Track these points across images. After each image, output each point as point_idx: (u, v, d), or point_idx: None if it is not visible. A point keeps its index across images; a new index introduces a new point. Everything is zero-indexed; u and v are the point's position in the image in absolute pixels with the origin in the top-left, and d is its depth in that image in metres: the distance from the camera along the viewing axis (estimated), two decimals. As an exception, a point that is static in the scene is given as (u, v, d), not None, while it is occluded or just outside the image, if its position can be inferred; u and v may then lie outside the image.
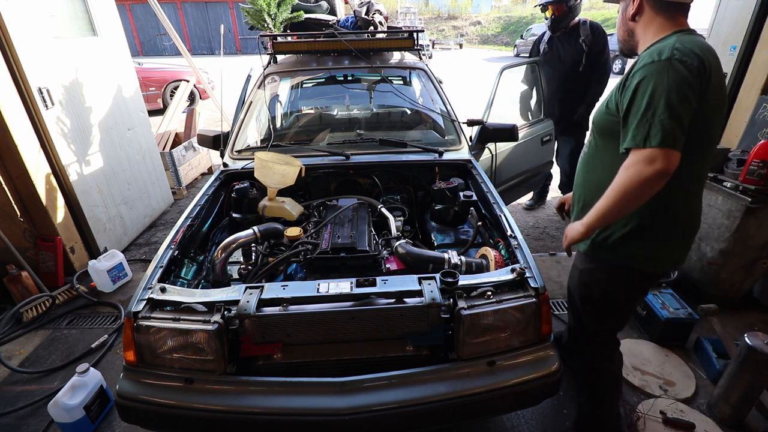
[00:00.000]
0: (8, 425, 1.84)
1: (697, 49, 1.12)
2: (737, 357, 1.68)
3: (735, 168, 2.16)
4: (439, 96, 2.69)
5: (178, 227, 1.72)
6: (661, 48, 1.14)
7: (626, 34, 1.32)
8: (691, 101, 1.10)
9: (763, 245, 2.21)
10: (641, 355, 2.12)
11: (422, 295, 1.30)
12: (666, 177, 1.09)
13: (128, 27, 21.94)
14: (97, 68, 3.18)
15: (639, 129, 1.11)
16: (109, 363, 2.20)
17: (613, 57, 12.54)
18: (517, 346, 1.37)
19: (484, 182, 2.10)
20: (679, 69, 1.09)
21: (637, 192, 1.11)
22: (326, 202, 2.11)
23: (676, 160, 1.09)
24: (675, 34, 1.18)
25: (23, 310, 2.47)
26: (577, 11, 3.00)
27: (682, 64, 1.09)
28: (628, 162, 1.13)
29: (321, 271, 1.63)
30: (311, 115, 3.04)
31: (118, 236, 3.29)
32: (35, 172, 2.58)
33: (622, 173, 1.14)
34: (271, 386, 1.26)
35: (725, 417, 1.76)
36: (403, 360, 1.35)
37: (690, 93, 1.09)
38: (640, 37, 1.28)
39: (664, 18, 1.22)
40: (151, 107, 4.85)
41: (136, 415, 1.29)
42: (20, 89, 2.48)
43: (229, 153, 2.38)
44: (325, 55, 2.89)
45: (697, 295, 2.51)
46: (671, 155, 1.07)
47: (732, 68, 2.51)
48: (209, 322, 1.25)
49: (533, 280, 1.38)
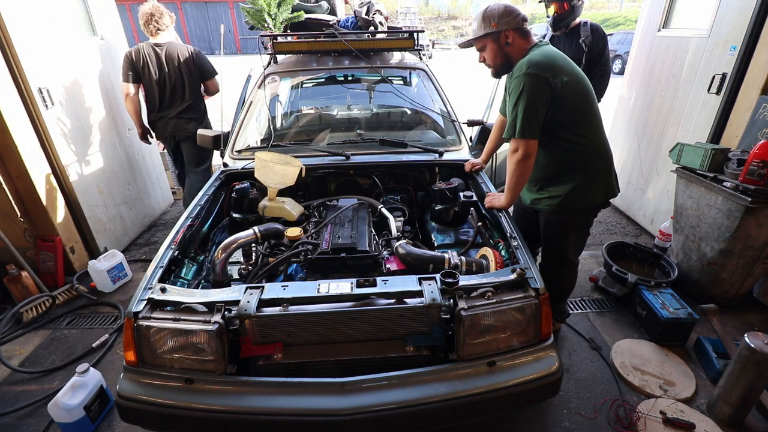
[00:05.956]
0: (8, 425, 1.84)
1: (544, 58, 1.61)
2: (737, 357, 1.68)
3: (735, 168, 2.16)
4: (439, 96, 2.69)
5: (178, 227, 1.72)
6: (521, 63, 1.63)
7: (504, 59, 1.75)
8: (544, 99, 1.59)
9: (763, 245, 2.21)
10: (641, 355, 2.12)
11: (422, 296, 1.30)
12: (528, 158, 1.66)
13: (128, 27, 21.91)
14: (97, 68, 3.18)
15: (509, 124, 1.67)
16: (109, 363, 2.20)
17: (614, 57, 12.57)
18: (517, 347, 1.37)
19: (484, 182, 2.11)
20: (532, 78, 1.57)
21: (519, 170, 1.71)
22: (326, 202, 2.11)
23: (534, 144, 1.65)
24: (530, 50, 1.69)
25: (23, 310, 2.47)
26: (578, 12, 3.01)
27: (534, 75, 1.57)
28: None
29: (321, 271, 1.63)
30: (311, 115, 3.04)
31: (118, 236, 3.29)
32: (35, 172, 2.57)
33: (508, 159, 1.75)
34: (271, 386, 1.26)
35: (725, 417, 1.76)
36: (404, 360, 1.35)
37: (543, 94, 1.58)
38: (514, 57, 1.73)
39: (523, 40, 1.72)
40: (151, 107, 4.83)
41: (136, 415, 1.29)
42: (20, 89, 2.48)
43: (230, 153, 2.38)
44: (326, 55, 2.89)
45: (697, 295, 2.51)
46: (529, 143, 1.64)
47: (732, 68, 2.51)
48: (209, 322, 1.25)
49: (534, 280, 1.38)
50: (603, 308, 2.53)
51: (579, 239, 1.98)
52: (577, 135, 1.70)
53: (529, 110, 1.59)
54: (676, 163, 2.45)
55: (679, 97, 2.96)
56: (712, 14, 2.64)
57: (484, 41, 1.73)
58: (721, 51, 2.60)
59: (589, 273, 2.80)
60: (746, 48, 2.41)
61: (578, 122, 1.70)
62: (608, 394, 1.93)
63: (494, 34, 1.69)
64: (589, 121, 1.72)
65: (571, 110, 1.66)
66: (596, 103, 1.76)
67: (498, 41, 1.70)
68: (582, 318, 2.44)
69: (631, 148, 3.58)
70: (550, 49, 1.69)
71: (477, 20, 1.72)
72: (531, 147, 1.65)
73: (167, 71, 2.97)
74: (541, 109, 1.61)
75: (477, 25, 1.72)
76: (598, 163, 1.77)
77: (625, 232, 3.51)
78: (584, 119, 1.71)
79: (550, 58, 1.63)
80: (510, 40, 1.69)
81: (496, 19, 1.66)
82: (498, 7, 1.68)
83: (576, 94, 1.65)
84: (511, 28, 1.67)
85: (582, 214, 1.87)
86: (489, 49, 1.73)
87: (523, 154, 1.66)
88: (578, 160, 1.74)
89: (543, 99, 1.59)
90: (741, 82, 2.48)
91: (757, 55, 2.39)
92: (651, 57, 3.28)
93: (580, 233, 1.96)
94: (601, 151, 1.78)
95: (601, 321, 2.41)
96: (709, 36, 2.68)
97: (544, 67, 1.59)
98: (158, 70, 2.96)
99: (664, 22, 3.19)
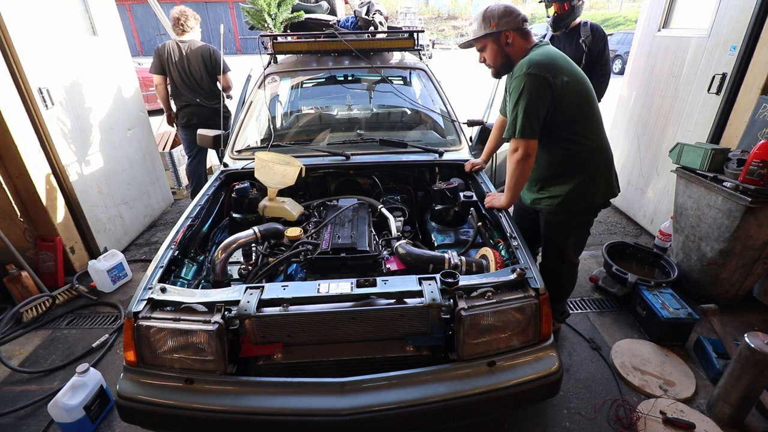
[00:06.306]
0: (8, 425, 1.84)
1: (544, 58, 1.61)
2: (737, 357, 1.67)
3: (735, 168, 2.16)
4: (439, 96, 2.69)
5: (178, 227, 1.72)
6: (521, 63, 1.63)
7: (504, 60, 1.74)
8: (544, 99, 1.59)
9: (763, 245, 2.21)
10: (641, 355, 2.12)
11: (422, 296, 1.30)
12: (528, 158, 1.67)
13: (128, 27, 21.92)
14: (97, 68, 3.18)
15: (510, 124, 1.68)
16: (109, 363, 2.20)
17: (614, 57, 12.57)
18: (517, 347, 1.37)
19: (484, 182, 2.11)
20: (533, 78, 1.57)
21: (518, 170, 1.71)
22: (326, 202, 2.11)
23: (534, 144, 1.66)
24: (531, 50, 1.69)
25: (23, 310, 2.47)
26: (578, 12, 3.01)
27: (534, 75, 1.57)
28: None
29: (321, 271, 1.63)
30: (311, 115, 3.04)
31: (118, 236, 3.29)
32: (35, 172, 2.57)
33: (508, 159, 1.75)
34: (271, 386, 1.26)
35: (725, 417, 1.76)
36: (404, 360, 1.35)
37: (543, 94, 1.59)
38: (514, 57, 1.73)
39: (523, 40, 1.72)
40: (151, 107, 4.84)
41: (136, 415, 1.29)
42: (20, 89, 2.48)
43: (230, 153, 2.38)
44: (326, 55, 2.89)
45: (697, 295, 2.51)
46: (529, 143, 1.65)
47: (732, 68, 2.50)
48: (209, 322, 1.25)
49: (534, 280, 1.38)
50: (603, 308, 2.53)
51: (579, 239, 1.98)
52: (577, 135, 1.71)
53: (529, 110, 1.60)
54: (676, 163, 2.45)
55: (679, 97, 2.96)
56: (712, 14, 2.64)
57: (484, 41, 1.73)
58: (721, 51, 2.60)
59: (589, 273, 2.80)
60: (746, 48, 2.41)
61: (578, 122, 1.70)
62: (608, 394, 1.93)
63: (494, 34, 1.69)
64: (589, 121, 1.73)
65: (571, 110, 1.66)
66: (596, 103, 1.76)
67: (498, 41, 1.71)
68: (582, 318, 2.44)
69: (631, 148, 3.58)
70: (550, 49, 1.70)
71: (477, 21, 1.73)
72: (531, 147, 1.66)
73: (187, 65, 3.34)
74: (542, 109, 1.61)
75: (477, 26, 1.73)
76: (599, 163, 1.78)
77: (625, 232, 3.51)
78: (584, 119, 1.72)
79: (551, 58, 1.63)
80: (510, 41, 1.70)
81: (496, 20, 1.67)
82: (498, 8, 1.68)
83: (576, 94, 1.66)
84: (511, 29, 1.68)
85: (582, 214, 1.88)
86: (489, 49, 1.74)
87: (523, 154, 1.67)
88: (578, 160, 1.75)
89: (543, 99, 1.60)
90: (741, 82, 2.48)
91: (757, 55, 2.39)
92: (651, 57, 3.28)
93: (580, 233, 1.96)
94: (601, 151, 1.78)
95: (601, 321, 2.41)
96: (709, 36, 2.68)
97: (544, 67, 1.59)
98: (179, 63, 3.34)
99: (664, 22, 3.19)
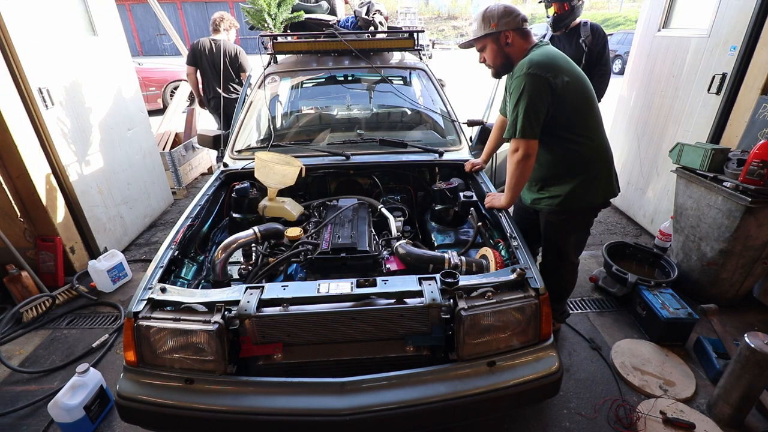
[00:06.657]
0: (8, 425, 1.84)
1: (545, 59, 1.61)
2: (737, 357, 1.67)
3: (735, 168, 2.16)
4: (439, 96, 2.69)
5: (178, 227, 1.72)
6: (522, 63, 1.64)
7: (504, 60, 1.75)
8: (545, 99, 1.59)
9: (763, 245, 2.20)
10: (641, 355, 2.12)
11: (422, 296, 1.30)
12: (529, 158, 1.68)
13: (128, 27, 21.93)
14: (97, 68, 3.18)
15: (510, 124, 1.69)
16: (109, 363, 2.20)
17: (614, 57, 12.56)
18: (517, 347, 1.37)
19: (484, 182, 2.11)
20: (533, 78, 1.58)
21: (519, 170, 1.71)
22: (326, 202, 2.11)
23: (535, 144, 1.66)
24: (531, 50, 1.69)
25: (23, 310, 2.47)
26: (578, 12, 3.01)
27: (535, 75, 1.58)
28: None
29: (321, 271, 1.63)
30: (311, 115, 3.04)
31: (118, 236, 3.29)
32: (35, 172, 2.57)
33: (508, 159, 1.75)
34: (271, 386, 1.26)
35: (725, 417, 1.76)
36: (404, 360, 1.35)
37: (543, 94, 1.59)
38: (514, 57, 1.74)
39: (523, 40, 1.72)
40: (151, 107, 4.86)
41: (136, 415, 1.29)
42: (20, 89, 2.48)
43: (230, 153, 2.38)
44: (326, 55, 2.89)
45: (697, 295, 2.51)
46: (529, 143, 1.64)
47: (732, 68, 2.50)
48: (209, 322, 1.25)
49: (534, 280, 1.38)
50: (603, 308, 2.53)
51: (579, 239, 1.98)
52: (577, 135, 1.71)
53: (529, 110, 1.60)
54: (676, 163, 2.45)
55: (679, 97, 2.96)
56: (712, 14, 2.64)
57: (484, 42, 1.73)
58: (721, 51, 2.60)
59: (589, 273, 2.80)
60: (746, 48, 2.41)
61: (579, 122, 1.71)
62: (608, 394, 1.93)
63: (494, 34, 1.69)
64: (589, 121, 1.73)
65: (571, 110, 1.66)
66: (597, 103, 1.76)
67: (498, 41, 1.71)
68: (582, 318, 2.44)
69: (631, 148, 3.58)
70: (550, 49, 1.70)
71: (477, 21, 1.73)
72: (531, 147, 1.67)
73: (215, 59, 3.81)
74: (542, 110, 1.61)
75: (477, 26, 1.73)
76: (599, 163, 1.78)
77: (625, 232, 3.51)
78: (584, 119, 1.72)
79: (551, 58, 1.63)
80: (510, 41, 1.70)
81: (495, 20, 1.67)
82: (498, 8, 1.68)
83: (577, 94, 1.66)
84: (510, 29, 1.68)
85: (582, 214, 1.88)
86: (489, 49, 1.74)
87: (523, 154, 1.67)
88: (578, 160, 1.75)
89: (544, 99, 1.60)
90: (741, 82, 2.48)
91: (757, 55, 2.39)
92: (651, 57, 3.28)
93: (580, 233, 1.96)
94: (601, 151, 1.78)
95: (601, 321, 2.41)
96: (709, 36, 2.68)
97: (545, 67, 1.59)
98: (209, 57, 3.86)
99: (664, 22, 3.19)
